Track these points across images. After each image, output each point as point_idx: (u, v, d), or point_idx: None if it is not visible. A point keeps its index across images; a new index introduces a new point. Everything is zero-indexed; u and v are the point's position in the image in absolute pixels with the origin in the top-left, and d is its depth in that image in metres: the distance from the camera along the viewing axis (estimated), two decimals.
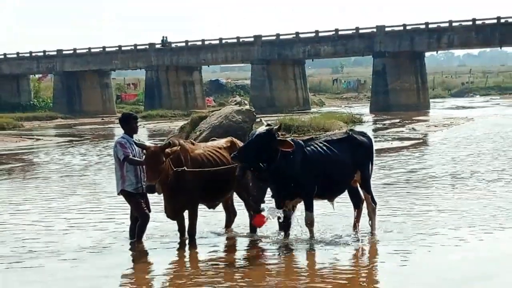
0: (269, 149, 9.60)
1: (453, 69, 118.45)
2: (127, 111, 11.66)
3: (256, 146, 9.57)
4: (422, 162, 20.25)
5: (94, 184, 17.57)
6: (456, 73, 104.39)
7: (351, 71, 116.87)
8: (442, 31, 53.25)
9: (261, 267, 9.05)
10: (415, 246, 9.80)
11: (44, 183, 18.21)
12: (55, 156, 26.14)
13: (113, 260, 9.58)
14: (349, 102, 71.63)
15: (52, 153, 27.80)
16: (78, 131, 42.43)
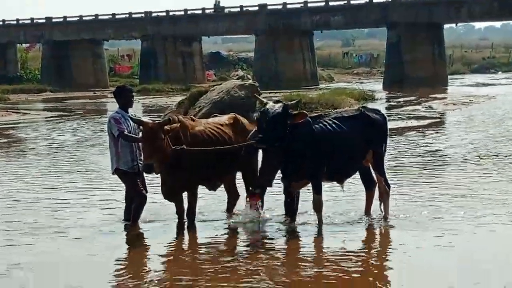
0: (285, 126, 9.62)
1: (474, 43, 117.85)
2: (122, 84, 11.65)
3: (276, 126, 9.56)
4: (439, 143, 20.24)
5: (86, 162, 17.60)
6: (477, 47, 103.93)
7: (363, 44, 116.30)
8: (462, 1, 52.98)
9: (264, 254, 9.07)
10: (430, 232, 9.82)
11: (33, 160, 18.24)
12: (44, 132, 26.17)
13: (107, 243, 9.62)
14: (361, 78, 71.44)
15: (40, 128, 27.84)
16: (68, 106, 42.41)
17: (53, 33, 66.83)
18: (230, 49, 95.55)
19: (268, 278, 7.95)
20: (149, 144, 9.57)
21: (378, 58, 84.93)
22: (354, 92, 37.88)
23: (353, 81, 62.65)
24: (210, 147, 10.07)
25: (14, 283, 7.96)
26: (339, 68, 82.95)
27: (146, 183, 10.49)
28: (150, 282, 8.01)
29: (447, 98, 40.74)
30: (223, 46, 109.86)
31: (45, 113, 36.67)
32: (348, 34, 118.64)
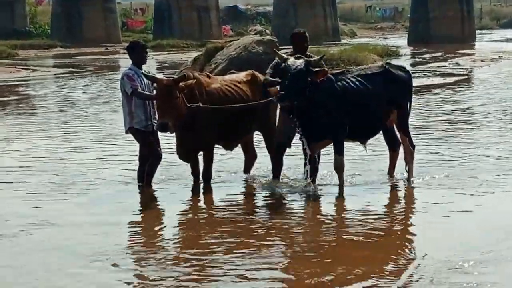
0: (308, 83, 9.54)
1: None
2: (135, 39, 11.61)
3: (299, 83, 9.46)
4: (467, 101, 20.12)
5: (99, 120, 17.64)
6: (507, 1, 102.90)
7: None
8: None
9: (283, 216, 9.08)
10: (458, 195, 9.78)
11: (44, 118, 18.30)
12: (54, 89, 26.22)
13: (120, 205, 9.65)
14: (385, 33, 71.00)
15: (50, 85, 27.88)
16: (79, 62, 42.39)
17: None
18: (248, 2, 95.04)
19: (287, 241, 7.95)
20: (163, 102, 9.51)
21: (403, 12, 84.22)
22: (378, 48, 37.65)
23: (377, 36, 62.36)
24: (227, 104, 10.03)
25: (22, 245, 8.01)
26: (362, 23, 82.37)
27: (161, 142, 10.48)
28: (163, 247, 8.02)
29: (475, 54, 40.45)
30: (240, 0, 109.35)
31: (56, 70, 36.71)
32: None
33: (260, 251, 7.60)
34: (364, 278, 6.83)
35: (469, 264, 7.05)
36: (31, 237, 8.24)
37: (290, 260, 7.39)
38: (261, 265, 7.17)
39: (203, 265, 7.23)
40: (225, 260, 7.34)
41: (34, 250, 7.79)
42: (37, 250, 7.80)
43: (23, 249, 7.82)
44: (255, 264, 7.21)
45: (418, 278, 6.83)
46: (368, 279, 6.80)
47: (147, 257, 7.52)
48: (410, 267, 7.12)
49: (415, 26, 55.33)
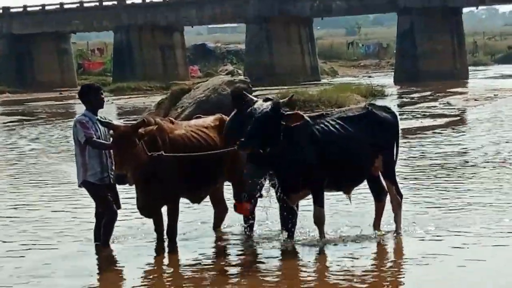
0: (276, 128, 9.52)
1: (498, 29, 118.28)
2: (88, 83, 11.60)
3: (264, 127, 9.43)
4: (459, 145, 20.23)
5: (51, 173, 17.54)
6: (501, 34, 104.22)
7: (370, 32, 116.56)
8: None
9: (258, 278, 9.01)
10: (449, 249, 9.77)
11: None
12: (2, 140, 26.12)
13: (74, 267, 9.54)
14: (368, 71, 71.71)
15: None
16: (30, 108, 42.37)
17: (11, 26, 66.88)
18: (217, 40, 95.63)
19: None
20: (120, 151, 9.46)
21: (388, 48, 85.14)
22: (361, 87, 38.00)
23: (360, 75, 62.94)
24: (193, 152, 10.00)
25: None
26: (343, 60, 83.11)
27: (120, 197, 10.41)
28: None
29: (468, 92, 40.84)
30: (209, 37, 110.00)
31: (4, 118, 36.60)
32: (352, 21, 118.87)
33: None
34: None
35: None
36: None
37: None
38: None
39: None
40: None
41: None
42: None
43: None
44: None
45: None
46: None
47: None
48: None
49: (402, 62, 55.82)
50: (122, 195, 10.52)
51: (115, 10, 64.28)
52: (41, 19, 66.19)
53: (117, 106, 40.43)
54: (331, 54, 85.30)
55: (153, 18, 63.41)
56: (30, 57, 66.59)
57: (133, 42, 63.53)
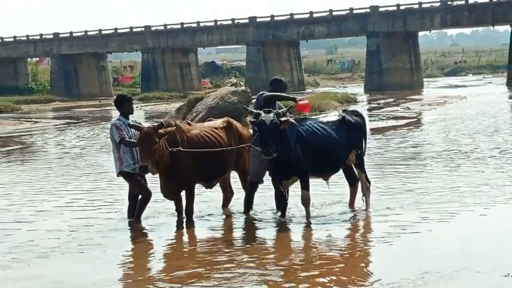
0: (279, 132, 9.58)
1: (446, 48, 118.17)
2: (122, 93, 11.60)
3: (275, 134, 9.50)
4: (416, 141, 20.24)
5: (94, 165, 17.53)
6: (449, 52, 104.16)
7: (345, 51, 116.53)
8: (435, 10, 53.13)
9: (258, 244, 9.06)
10: (409, 223, 9.79)
11: (44, 165, 18.18)
12: (54, 139, 26.11)
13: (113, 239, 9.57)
14: (344, 82, 71.53)
15: (50, 135, 27.77)
16: (75, 114, 42.32)
17: (60, 48, 66.74)
18: (224, 58, 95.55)
19: (262, 266, 7.92)
20: (143, 147, 9.51)
21: (359, 64, 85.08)
22: (338, 95, 38.00)
23: (337, 86, 62.76)
24: (206, 149, 10.03)
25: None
26: (324, 74, 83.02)
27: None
28: (153, 274, 7.96)
29: (423, 99, 40.84)
30: (217, 56, 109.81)
31: (55, 121, 36.58)
32: (331, 43, 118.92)
33: (238, 277, 7.57)
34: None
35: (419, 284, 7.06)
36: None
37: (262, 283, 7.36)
38: None
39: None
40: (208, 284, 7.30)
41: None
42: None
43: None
44: None
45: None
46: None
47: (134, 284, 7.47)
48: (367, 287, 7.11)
49: (370, 76, 55.89)
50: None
51: (143, 35, 64.19)
52: (84, 42, 66.07)
53: (144, 111, 40.35)
54: (314, 69, 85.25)
55: (173, 42, 63.35)
56: (75, 73, 66.47)
57: (157, 60, 63.45)
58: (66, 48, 66.51)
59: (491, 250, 8.34)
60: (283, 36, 59.18)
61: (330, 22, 57.10)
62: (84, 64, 66.64)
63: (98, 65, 67.42)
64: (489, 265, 7.63)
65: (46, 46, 67.71)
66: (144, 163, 9.45)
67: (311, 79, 71.76)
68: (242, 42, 62.50)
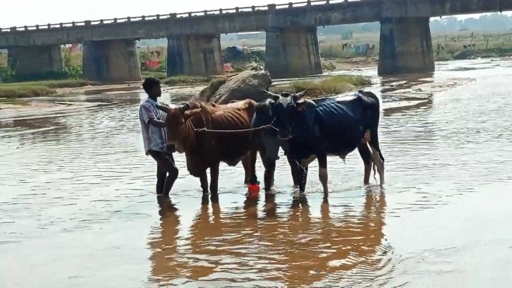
0: (296, 114, 9.58)
1: (456, 33, 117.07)
2: (149, 77, 11.64)
3: (291, 116, 9.49)
4: (428, 120, 20.14)
5: (124, 144, 17.61)
6: (459, 36, 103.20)
7: (360, 36, 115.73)
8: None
9: (278, 217, 9.09)
10: (423, 198, 9.77)
11: (78, 144, 18.30)
12: (87, 120, 26.26)
13: (142, 214, 9.63)
14: (358, 66, 71.13)
15: (83, 116, 27.93)
16: (106, 96, 42.48)
17: (92, 35, 66.92)
18: (245, 44, 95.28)
19: (283, 239, 7.95)
20: (171, 127, 9.56)
21: (373, 48, 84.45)
22: (353, 78, 37.76)
23: (352, 69, 62.41)
24: (229, 129, 10.05)
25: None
26: (339, 58, 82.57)
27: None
28: (179, 246, 8.03)
29: (434, 81, 40.54)
30: (238, 42, 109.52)
31: (87, 104, 36.77)
32: (346, 28, 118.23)
33: (259, 247, 7.61)
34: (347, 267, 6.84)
35: (431, 255, 7.07)
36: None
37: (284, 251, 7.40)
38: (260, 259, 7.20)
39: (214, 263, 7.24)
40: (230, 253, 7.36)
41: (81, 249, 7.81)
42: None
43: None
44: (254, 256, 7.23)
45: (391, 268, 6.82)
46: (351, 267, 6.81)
47: (163, 254, 7.54)
48: (384, 259, 7.12)
49: (384, 59, 55.55)
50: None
51: (169, 22, 64.15)
52: (114, 29, 66.18)
53: (170, 94, 40.43)
54: (330, 53, 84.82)
55: (196, 29, 63.24)
56: (105, 58, 66.65)
57: (182, 46, 63.40)
58: (97, 35, 66.65)
59: (505, 222, 8.30)
60: (301, 22, 58.91)
61: (345, 8, 56.73)
62: (114, 50, 66.76)
63: (127, 51, 67.53)
64: (502, 237, 7.60)
65: (78, 33, 67.90)
66: (171, 142, 9.51)
67: (327, 63, 71.41)
68: (262, 28, 62.27)
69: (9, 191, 11.58)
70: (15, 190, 11.56)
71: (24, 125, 24.60)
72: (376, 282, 6.43)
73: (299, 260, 7.12)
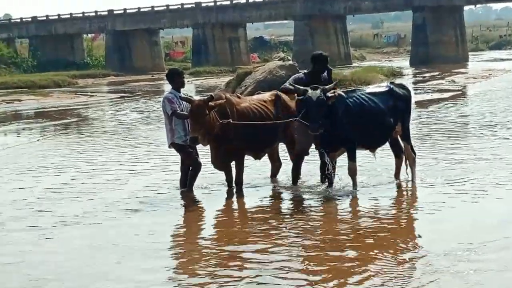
0: (326, 108, 9.51)
1: (491, 22, 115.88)
2: (173, 67, 11.65)
3: (321, 110, 9.43)
4: (462, 113, 19.96)
5: (147, 137, 17.65)
6: (494, 26, 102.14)
7: (391, 26, 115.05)
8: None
9: (306, 213, 9.04)
10: (455, 193, 9.67)
11: (100, 137, 18.40)
12: (109, 111, 26.41)
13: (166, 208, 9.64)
14: (389, 56, 70.83)
15: (106, 108, 28.09)
16: (129, 88, 42.68)
17: (115, 24, 67.23)
18: (272, 33, 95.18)
19: (308, 236, 7.91)
20: (194, 119, 9.53)
21: (405, 38, 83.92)
22: (384, 69, 37.56)
23: (383, 60, 62.16)
24: (255, 121, 10.01)
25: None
26: (370, 48, 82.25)
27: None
28: (204, 241, 8.02)
29: (468, 72, 40.21)
30: (265, 31, 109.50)
31: (110, 95, 36.98)
32: (377, 17, 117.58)
33: (283, 245, 7.57)
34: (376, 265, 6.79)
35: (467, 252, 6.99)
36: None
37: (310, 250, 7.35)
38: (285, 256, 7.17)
39: (238, 257, 7.22)
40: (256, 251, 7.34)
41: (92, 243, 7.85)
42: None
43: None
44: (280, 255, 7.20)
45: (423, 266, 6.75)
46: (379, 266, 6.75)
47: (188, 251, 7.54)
48: (415, 257, 7.05)
49: (416, 49, 55.18)
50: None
51: (193, 11, 64.25)
52: (137, 18, 66.43)
53: (195, 85, 40.54)
54: (360, 43, 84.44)
55: (222, 17, 63.31)
56: (129, 48, 66.94)
57: (208, 36, 63.49)
58: (120, 24, 66.93)
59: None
60: (329, 11, 58.71)
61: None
62: (137, 39, 67.02)
63: (151, 41, 67.76)
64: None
65: (101, 23, 68.26)
66: (194, 134, 9.50)
67: (357, 53, 71.15)
68: (289, 17, 62.17)
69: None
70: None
71: (45, 117, 24.78)
72: (406, 281, 6.36)
73: (327, 257, 7.07)
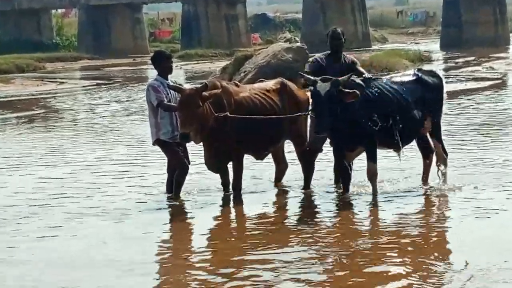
0: (338, 104, 9.47)
1: None
2: (160, 49, 11.64)
3: (329, 107, 9.40)
4: (501, 106, 19.94)
5: (126, 133, 17.65)
6: None
7: (418, 2, 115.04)
8: None
9: (316, 226, 9.02)
10: (492, 200, 9.67)
11: (71, 133, 18.39)
12: (82, 102, 26.41)
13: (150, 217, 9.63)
14: (416, 38, 70.68)
15: (78, 98, 28.08)
16: (107, 74, 42.66)
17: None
18: (276, 10, 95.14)
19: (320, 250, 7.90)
20: (185, 111, 9.48)
21: (435, 16, 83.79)
22: (409, 53, 37.54)
23: (408, 42, 62.00)
24: (256, 114, 9.99)
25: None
26: (392, 28, 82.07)
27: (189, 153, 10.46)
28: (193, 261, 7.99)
29: (510, 57, 40.18)
30: (268, 7, 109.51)
31: (83, 82, 36.99)
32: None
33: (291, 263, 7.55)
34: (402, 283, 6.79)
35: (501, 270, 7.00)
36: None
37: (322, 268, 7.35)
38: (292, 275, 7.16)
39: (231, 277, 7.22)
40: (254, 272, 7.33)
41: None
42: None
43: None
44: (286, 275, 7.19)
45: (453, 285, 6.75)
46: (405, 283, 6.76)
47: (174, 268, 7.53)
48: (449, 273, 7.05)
49: (447, 30, 55.13)
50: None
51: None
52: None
53: (185, 71, 40.54)
54: (381, 22, 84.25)
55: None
56: (106, 26, 66.73)
57: (200, 13, 63.40)
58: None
59: None
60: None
61: None
62: (116, 16, 66.90)
63: (132, 18, 67.63)
64: None
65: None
66: (185, 130, 9.43)
67: (378, 34, 71.06)
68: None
69: None
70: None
71: (6, 108, 24.77)
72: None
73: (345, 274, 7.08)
